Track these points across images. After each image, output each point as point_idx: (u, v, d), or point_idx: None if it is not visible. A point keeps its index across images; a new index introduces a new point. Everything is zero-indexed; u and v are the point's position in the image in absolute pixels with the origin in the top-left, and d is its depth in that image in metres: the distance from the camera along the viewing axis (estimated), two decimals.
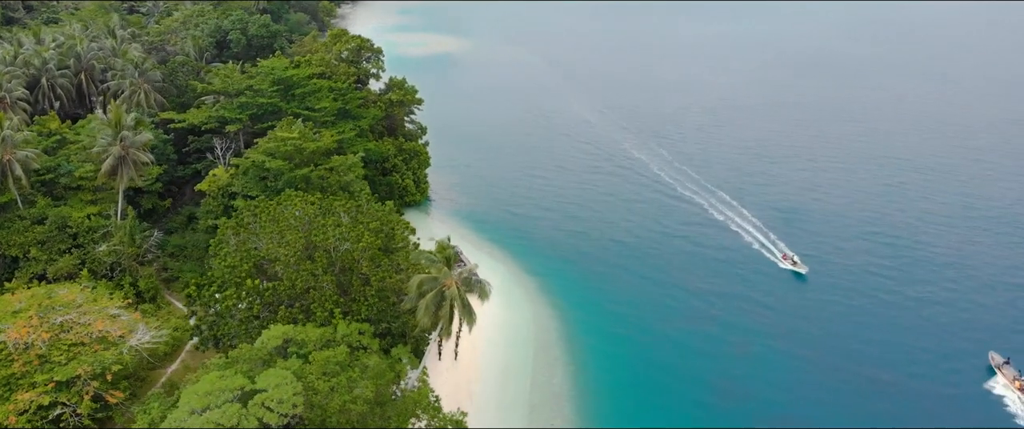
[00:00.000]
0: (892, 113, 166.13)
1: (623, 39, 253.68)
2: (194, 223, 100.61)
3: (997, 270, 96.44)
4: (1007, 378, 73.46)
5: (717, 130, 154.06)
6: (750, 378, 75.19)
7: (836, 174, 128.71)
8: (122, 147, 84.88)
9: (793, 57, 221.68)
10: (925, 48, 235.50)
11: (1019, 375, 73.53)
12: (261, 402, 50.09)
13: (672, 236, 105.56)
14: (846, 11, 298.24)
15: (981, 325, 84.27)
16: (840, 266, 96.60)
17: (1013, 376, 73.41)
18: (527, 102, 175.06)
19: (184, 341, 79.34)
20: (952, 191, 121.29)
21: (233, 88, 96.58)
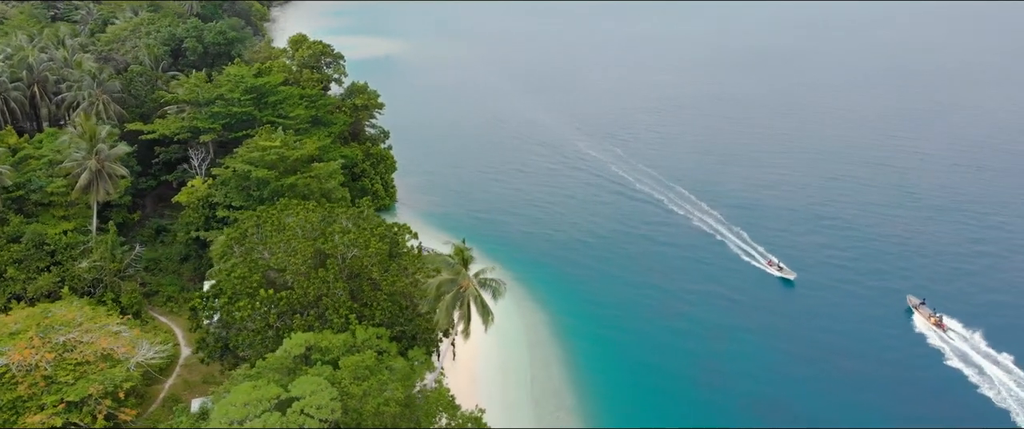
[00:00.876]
0: (821, 107, 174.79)
1: (559, 39, 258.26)
2: (163, 236, 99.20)
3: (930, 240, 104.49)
4: (924, 316, 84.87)
5: (665, 128, 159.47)
6: (725, 360, 79.81)
7: (783, 168, 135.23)
8: (98, 160, 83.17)
9: (725, 55, 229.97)
10: (847, 44, 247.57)
11: (933, 313, 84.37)
12: (300, 409, 50.85)
13: (637, 234, 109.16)
14: (767, 10, 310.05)
15: (907, 280, 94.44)
16: (805, 258, 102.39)
17: (928, 314, 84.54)
18: (475, 104, 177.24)
19: (177, 355, 78.70)
20: (889, 182, 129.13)
21: (202, 97, 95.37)
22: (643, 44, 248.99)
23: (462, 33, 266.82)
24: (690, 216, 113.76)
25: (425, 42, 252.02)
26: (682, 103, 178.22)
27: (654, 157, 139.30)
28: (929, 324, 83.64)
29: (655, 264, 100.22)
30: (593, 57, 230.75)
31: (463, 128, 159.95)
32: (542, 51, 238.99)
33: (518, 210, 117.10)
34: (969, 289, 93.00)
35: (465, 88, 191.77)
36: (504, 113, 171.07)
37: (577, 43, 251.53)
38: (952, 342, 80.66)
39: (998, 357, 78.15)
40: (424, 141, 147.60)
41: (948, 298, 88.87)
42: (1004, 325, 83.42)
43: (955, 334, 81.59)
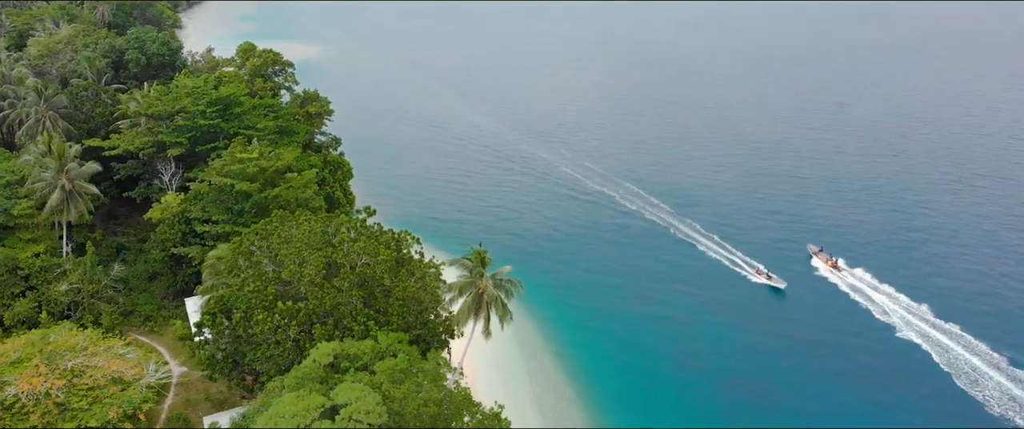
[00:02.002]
0: (739, 100, 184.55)
1: (474, 41, 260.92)
2: (124, 254, 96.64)
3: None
4: (821, 260, 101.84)
5: (602, 126, 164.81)
6: (697, 342, 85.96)
7: (719, 159, 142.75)
8: (68, 180, 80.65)
9: (645, 54, 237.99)
10: (756, 41, 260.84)
11: (830, 257, 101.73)
12: (348, 416, 52.12)
13: (596, 232, 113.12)
14: (667, 10, 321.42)
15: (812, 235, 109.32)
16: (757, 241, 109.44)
17: (825, 258, 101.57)
18: (407, 109, 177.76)
19: (168, 375, 77.38)
20: (816, 173, 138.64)
21: (162, 110, 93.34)
22: (558, 44, 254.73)
23: (376, 37, 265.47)
24: (643, 210, 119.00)
25: (341, 46, 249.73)
26: (611, 102, 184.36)
27: (598, 155, 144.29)
28: (827, 266, 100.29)
29: (618, 258, 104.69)
30: (511, 58, 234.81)
31: (401, 133, 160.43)
32: (461, 53, 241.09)
33: (476, 214, 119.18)
34: (859, 242, 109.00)
35: (394, 93, 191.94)
36: (439, 117, 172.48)
37: (493, 44, 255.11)
38: (846, 278, 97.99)
39: (879, 286, 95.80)
40: (364, 147, 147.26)
41: (844, 247, 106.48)
42: (884, 265, 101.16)
43: (846, 272, 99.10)
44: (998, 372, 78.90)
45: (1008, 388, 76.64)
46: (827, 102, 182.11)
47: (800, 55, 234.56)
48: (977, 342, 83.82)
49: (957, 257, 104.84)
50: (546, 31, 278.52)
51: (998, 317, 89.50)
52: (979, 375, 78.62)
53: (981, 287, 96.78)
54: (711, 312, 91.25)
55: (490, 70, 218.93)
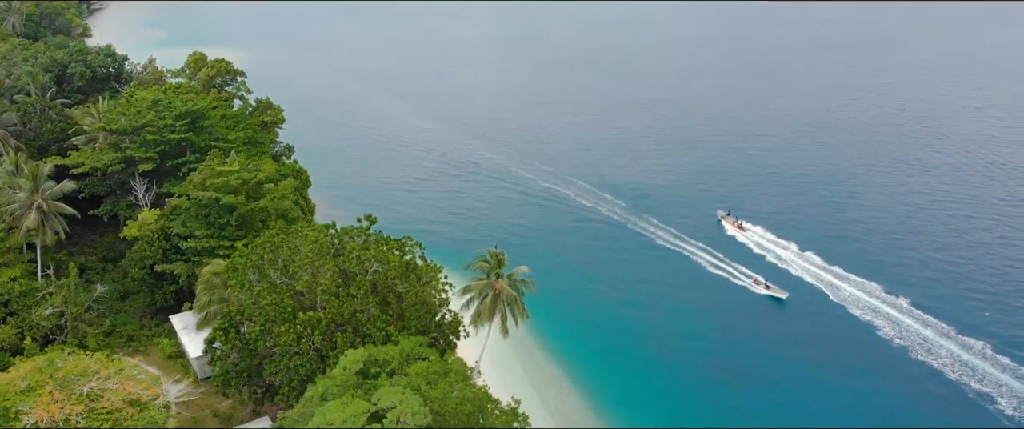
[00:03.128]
0: (661, 96, 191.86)
1: (402, 43, 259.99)
2: (88, 275, 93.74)
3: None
4: (728, 223, 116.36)
5: (544, 126, 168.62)
6: (669, 329, 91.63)
7: (664, 156, 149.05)
8: (43, 199, 78.07)
9: (564, 54, 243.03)
10: (670, 41, 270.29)
11: (735, 219, 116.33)
12: (396, 417, 53.63)
13: (559, 230, 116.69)
14: (585, 9, 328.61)
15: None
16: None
17: (732, 221, 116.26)
18: (345, 114, 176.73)
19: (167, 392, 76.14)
20: (731, 155, 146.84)
21: (128, 126, 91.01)
22: (480, 45, 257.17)
23: (294, 41, 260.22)
24: (598, 206, 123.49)
25: (260, 52, 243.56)
26: (546, 101, 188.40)
27: (545, 154, 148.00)
28: (734, 227, 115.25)
29: (586, 254, 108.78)
30: (438, 60, 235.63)
31: (344, 140, 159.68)
32: (386, 56, 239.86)
33: (437, 218, 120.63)
34: (764, 208, 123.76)
35: (328, 98, 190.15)
36: (379, 122, 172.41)
37: (416, 47, 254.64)
38: (751, 237, 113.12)
39: (778, 241, 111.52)
40: (311, 155, 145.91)
41: (752, 214, 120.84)
42: (779, 224, 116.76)
43: (751, 231, 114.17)
44: (870, 296, 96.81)
45: (872, 304, 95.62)
46: (746, 96, 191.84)
47: (711, 53, 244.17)
48: (856, 278, 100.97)
49: (842, 217, 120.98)
50: (465, 32, 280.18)
51: (880, 262, 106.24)
52: (859, 301, 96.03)
53: (865, 239, 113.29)
54: (685, 307, 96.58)
55: (420, 72, 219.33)
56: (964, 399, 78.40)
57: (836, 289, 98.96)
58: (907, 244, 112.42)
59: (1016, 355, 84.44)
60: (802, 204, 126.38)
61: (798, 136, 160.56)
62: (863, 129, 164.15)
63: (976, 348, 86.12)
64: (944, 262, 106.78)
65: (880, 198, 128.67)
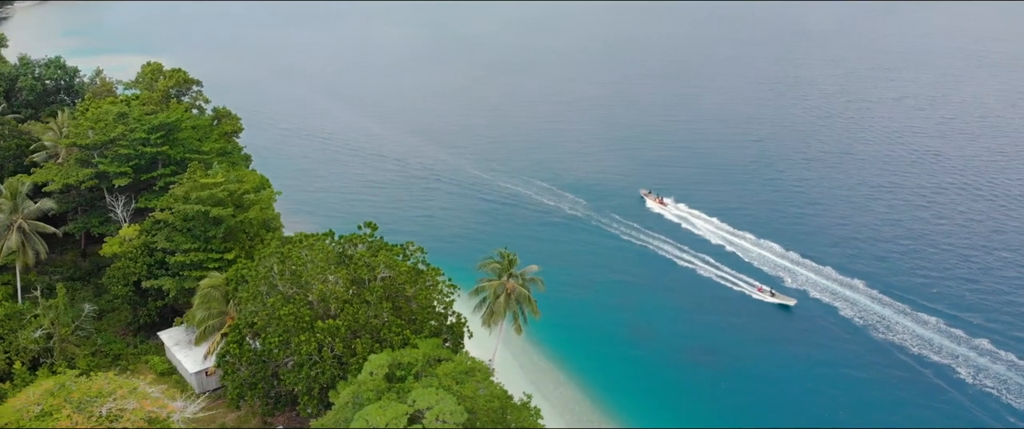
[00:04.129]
0: (596, 95, 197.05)
1: (333, 46, 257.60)
2: (52, 294, 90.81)
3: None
4: (651, 199, 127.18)
5: (492, 127, 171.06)
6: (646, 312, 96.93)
7: (602, 150, 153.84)
8: (24, 219, 75.60)
9: (495, 55, 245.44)
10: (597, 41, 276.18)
11: (657, 196, 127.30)
12: (435, 416, 55.09)
13: (529, 228, 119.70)
14: (506, 9, 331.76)
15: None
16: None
17: (654, 198, 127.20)
18: (292, 119, 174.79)
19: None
20: (658, 141, 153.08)
21: (98, 140, 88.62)
22: (414, 47, 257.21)
23: (221, 46, 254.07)
24: (560, 205, 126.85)
25: (189, 58, 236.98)
26: (490, 103, 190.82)
27: (498, 155, 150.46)
28: (656, 203, 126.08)
29: (558, 251, 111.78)
30: (373, 63, 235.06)
31: (294, 146, 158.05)
32: (320, 60, 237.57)
33: (404, 226, 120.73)
34: (685, 185, 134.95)
35: (269, 104, 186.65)
36: (326, 127, 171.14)
37: (348, 49, 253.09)
38: (670, 211, 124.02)
39: (693, 212, 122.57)
40: (264, 164, 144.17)
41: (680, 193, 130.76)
42: (698, 199, 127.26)
43: (671, 206, 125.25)
44: (784, 259, 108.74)
45: (781, 263, 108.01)
46: (676, 91, 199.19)
47: (634, 52, 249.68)
48: (769, 242, 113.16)
49: (756, 194, 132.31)
50: (389, 32, 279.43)
51: (790, 230, 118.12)
52: (776, 264, 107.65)
53: (777, 210, 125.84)
54: (656, 296, 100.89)
55: (356, 75, 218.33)
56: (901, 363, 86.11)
57: (745, 250, 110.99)
58: (811, 210, 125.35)
59: (965, 326, 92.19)
60: (728, 187, 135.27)
61: (726, 129, 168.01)
62: (790, 121, 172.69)
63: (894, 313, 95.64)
64: (845, 228, 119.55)
65: (796, 177, 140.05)
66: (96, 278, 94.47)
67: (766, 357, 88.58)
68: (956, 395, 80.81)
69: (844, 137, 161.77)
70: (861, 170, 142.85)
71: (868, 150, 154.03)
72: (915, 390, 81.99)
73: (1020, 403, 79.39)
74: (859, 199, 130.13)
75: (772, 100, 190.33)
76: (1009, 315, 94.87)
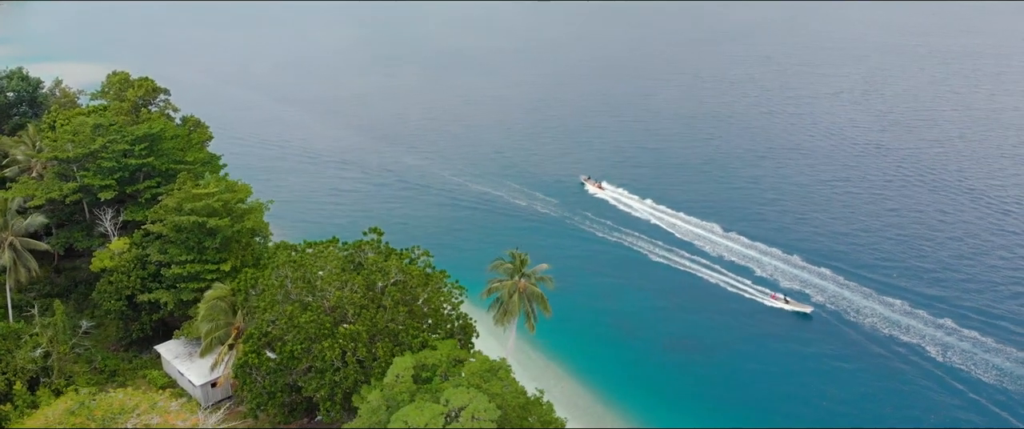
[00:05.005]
0: (547, 95, 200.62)
1: (273, 49, 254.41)
2: (45, 312, 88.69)
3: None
4: (590, 184, 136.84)
5: (448, 128, 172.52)
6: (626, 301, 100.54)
7: (555, 145, 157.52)
8: (15, 236, 73.71)
9: (439, 57, 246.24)
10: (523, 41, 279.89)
11: (595, 181, 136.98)
12: (471, 414, 56.68)
13: (500, 229, 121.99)
14: (443, 9, 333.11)
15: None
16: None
17: (593, 183, 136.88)
18: (244, 126, 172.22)
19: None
20: (598, 134, 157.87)
21: (79, 153, 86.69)
22: (355, 50, 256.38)
23: (157, 50, 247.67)
24: (533, 203, 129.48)
25: (126, 64, 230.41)
26: (438, 104, 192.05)
27: (458, 157, 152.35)
28: (595, 187, 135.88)
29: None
30: (319, 64, 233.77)
31: (250, 153, 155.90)
32: (262, 63, 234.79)
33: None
34: (623, 170, 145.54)
35: (218, 111, 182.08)
36: (281, 132, 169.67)
37: (288, 52, 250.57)
38: (608, 193, 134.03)
39: (630, 196, 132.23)
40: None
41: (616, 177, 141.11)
42: (634, 184, 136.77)
43: (609, 189, 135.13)
44: (700, 229, 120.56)
45: (692, 230, 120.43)
46: (624, 92, 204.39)
47: (583, 53, 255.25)
48: (692, 217, 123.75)
49: (689, 179, 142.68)
50: (331, 34, 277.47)
51: (712, 205, 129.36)
52: (696, 236, 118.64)
53: (704, 190, 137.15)
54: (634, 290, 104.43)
55: (305, 79, 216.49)
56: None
57: (677, 227, 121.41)
58: (745, 191, 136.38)
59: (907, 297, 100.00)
60: (655, 169, 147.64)
61: (676, 127, 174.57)
62: (738, 118, 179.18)
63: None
64: (779, 208, 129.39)
65: (741, 164, 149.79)
66: (73, 294, 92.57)
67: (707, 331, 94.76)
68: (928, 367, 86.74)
69: (792, 132, 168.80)
70: (814, 164, 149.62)
71: (815, 144, 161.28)
72: (884, 373, 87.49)
73: (965, 367, 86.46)
74: (816, 191, 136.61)
75: (716, 98, 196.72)
76: (963, 292, 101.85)
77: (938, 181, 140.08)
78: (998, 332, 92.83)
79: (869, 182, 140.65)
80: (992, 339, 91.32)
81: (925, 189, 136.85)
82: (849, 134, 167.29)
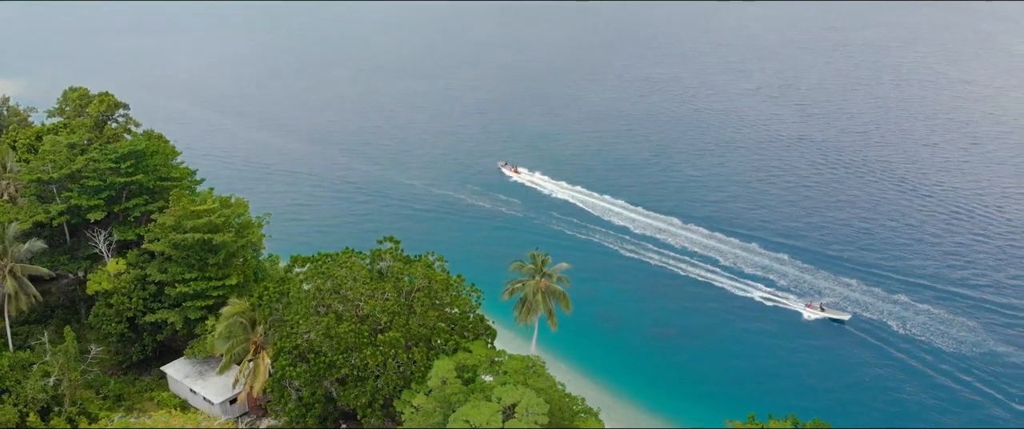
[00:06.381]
0: (483, 97, 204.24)
1: (194, 55, 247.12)
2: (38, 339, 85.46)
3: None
4: (507, 169, 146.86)
5: (398, 131, 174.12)
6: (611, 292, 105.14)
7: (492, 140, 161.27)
8: (15, 263, 71.21)
9: (379, 59, 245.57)
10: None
11: (513, 166, 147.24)
12: (525, 409, 59.34)
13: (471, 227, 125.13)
14: (368, 10, 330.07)
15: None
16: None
17: (510, 168, 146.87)
18: (188, 139, 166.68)
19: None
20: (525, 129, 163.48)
21: (61, 174, 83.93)
22: (282, 54, 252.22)
23: (70, 61, 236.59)
24: (497, 203, 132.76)
25: (44, 77, 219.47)
26: (386, 106, 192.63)
27: (409, 159, 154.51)
28: (511, 172, 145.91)
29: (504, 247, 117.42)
30: (251, 71, 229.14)
31: (196, 167, 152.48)
32: (191, 70, 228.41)
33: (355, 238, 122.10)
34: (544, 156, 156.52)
35: (149, 122, 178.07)
36: (224, 144, 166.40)
37: (216, 58, 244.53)
38: (524, 177, 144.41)
39: (543, 178, 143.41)
40: None
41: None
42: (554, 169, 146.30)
43: (525, 173, 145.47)
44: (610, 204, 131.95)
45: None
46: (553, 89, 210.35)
47: (496, 55, 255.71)
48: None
49: (599, 164, 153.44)
50: (252, 41, 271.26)
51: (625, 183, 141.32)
52: (606, 210, 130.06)
53: (613, 172, 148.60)
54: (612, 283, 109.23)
55: (237, 88, 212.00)
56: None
57: (591, 205, 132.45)
58: (694, 184, 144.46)
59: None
60: (566, 156, 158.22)
61: (608, 126, 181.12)
62: (672, 117, 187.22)
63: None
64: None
65: (683, 159, 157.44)
66: (52, 319, 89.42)
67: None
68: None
69: (723, 128, 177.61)
70: (749, 157, 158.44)
71: (745, 138, 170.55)
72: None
73: (922, 336, 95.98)
74: (757, 182, 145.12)
75: (644, 97, 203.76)
76: (905, 266, 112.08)
77: (863, 167, 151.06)
78: (948, 302, 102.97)
79: (802, 172, 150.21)
80: (936, 307, 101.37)
81: (853, 176, 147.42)
82: (775, 128, 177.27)
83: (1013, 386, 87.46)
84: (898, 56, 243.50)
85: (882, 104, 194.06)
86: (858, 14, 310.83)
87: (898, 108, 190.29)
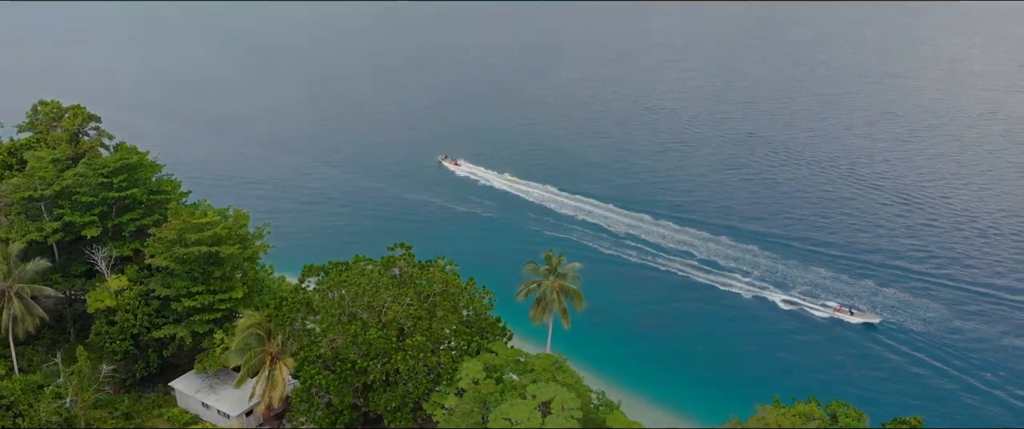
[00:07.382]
0: (428, 98, 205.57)
1: (135, 66, 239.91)
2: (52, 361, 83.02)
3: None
4: (447, 162, 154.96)
5: (367, 135, 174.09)
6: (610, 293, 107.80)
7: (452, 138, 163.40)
8: (20, 283, 69.48)
9: (319, 64, 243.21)
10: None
11: (452, 159, 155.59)
12: (561, 405, 61.47)
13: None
14: (289, 9, 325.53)
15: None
16: None
17: (450, 160, 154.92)
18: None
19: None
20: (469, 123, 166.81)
21: (52, 191, 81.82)
22: (226, 61, 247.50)
23: (54, 75, 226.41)
24: (467, 204, 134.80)
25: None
26: (343, 113, 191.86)
27: (378, 161, 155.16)
28: (450, 164, 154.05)
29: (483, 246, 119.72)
30: (193, 80, 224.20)
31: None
32: (137, 81, 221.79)
33: (333, 239, 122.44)
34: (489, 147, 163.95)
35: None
36: (181, 156, 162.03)
37: (160, 68, 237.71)
38: (464, 169, 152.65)
39: (486, 170, 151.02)
40: None
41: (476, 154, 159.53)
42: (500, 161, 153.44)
43: (465, 166, 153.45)
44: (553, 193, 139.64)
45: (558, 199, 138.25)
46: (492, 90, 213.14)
47: (424, 55, 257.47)
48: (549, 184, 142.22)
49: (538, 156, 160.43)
50: (191, 48, 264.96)
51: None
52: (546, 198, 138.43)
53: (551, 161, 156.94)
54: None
55: (190, 96, 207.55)
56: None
57: (526, 192, 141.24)
58: (661, 181, 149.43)
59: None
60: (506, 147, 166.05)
61: (574, 126, 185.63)
62: (631, 115, 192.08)
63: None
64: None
65: (643, 157, 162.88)
66: (41, 339, 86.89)
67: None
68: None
69: (678, 126, 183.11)
70: (708, 154, 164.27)
71: (701, 135, 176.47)
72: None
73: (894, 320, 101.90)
74: (721, 178, 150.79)
75: (597, 98, 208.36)
76: (862, 251, 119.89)
77: (812, 161, 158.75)
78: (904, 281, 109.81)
79: (758, 166, 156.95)
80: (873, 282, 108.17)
81: (806, 168, 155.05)
82: (725, 125, 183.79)
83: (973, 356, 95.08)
84: (826, 53, 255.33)
85: (821, 99, 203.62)
86: (777, 11, 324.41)
87: (835, 104, 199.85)
